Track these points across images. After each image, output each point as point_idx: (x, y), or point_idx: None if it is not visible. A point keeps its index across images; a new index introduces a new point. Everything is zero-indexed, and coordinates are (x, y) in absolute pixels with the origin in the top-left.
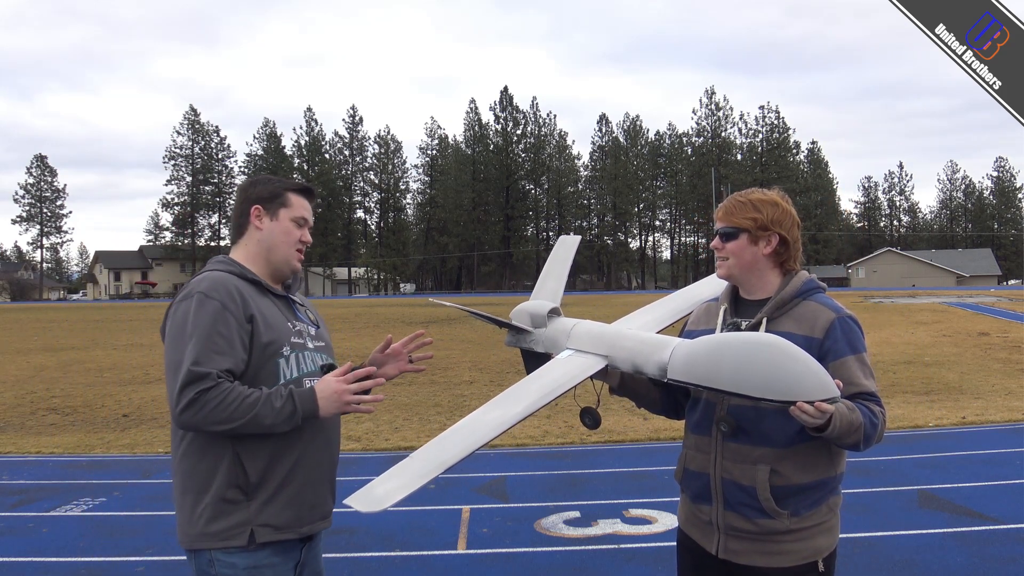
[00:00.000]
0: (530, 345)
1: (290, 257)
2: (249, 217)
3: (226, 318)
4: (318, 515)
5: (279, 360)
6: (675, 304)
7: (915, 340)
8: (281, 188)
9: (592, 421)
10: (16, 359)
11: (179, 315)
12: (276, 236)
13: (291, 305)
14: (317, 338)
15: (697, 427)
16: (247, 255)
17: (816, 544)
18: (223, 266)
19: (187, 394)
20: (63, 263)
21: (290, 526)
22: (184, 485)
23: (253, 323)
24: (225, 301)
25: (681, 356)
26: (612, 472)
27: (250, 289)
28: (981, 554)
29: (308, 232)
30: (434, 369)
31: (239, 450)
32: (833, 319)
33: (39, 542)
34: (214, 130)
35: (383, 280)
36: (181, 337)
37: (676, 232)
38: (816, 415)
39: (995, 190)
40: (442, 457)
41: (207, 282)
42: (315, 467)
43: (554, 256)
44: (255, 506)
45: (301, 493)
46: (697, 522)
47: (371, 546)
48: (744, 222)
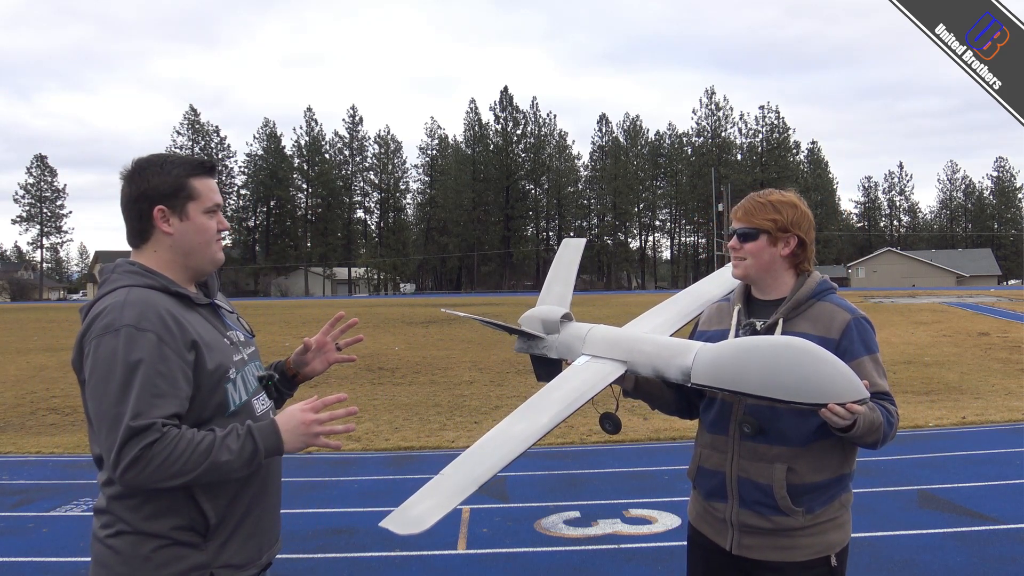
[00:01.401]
0: (543, 351)
1: (213, 255)
2: (153, 220)
3: (164, 353)
4: (273, 539)
5: (227, 385)
6: (684, 305)
7: (915, 340)
8: (182, 176)
9: (613, 426)
10: (16, 359)
11: (103, 354)
12: (191, 238)
13: (218, 312)
14: (248, 344)
15: (713, 426)
16: (158, 261)
17: (828, 539)
18: (139, 279)
19: (129, 452)
20: (63, 263)
21: (252, 561)
22: (122, 526)
23: (197, 350)
24: (161, 333)
25: (705, 360)
26: (612, 472)
27: (178, 306)
28: (981, 554)
29: (222, 216)
30: (434, 369)
31: (194, 490)
32: (849, 320)
33: (39, 542)
34: (214, 130)
35: (383, 280)
36: (108, 382)
37: (676, 232)
38: (847, 416)
39: (995, 190)
40: (475, 473)
41: (131, 309)
42: (272, 493)
43: (559, 259)
44: (213, 547)
45: (260, 523)
46: (710, 519)
47: (371, 546)
48: (764, 223)
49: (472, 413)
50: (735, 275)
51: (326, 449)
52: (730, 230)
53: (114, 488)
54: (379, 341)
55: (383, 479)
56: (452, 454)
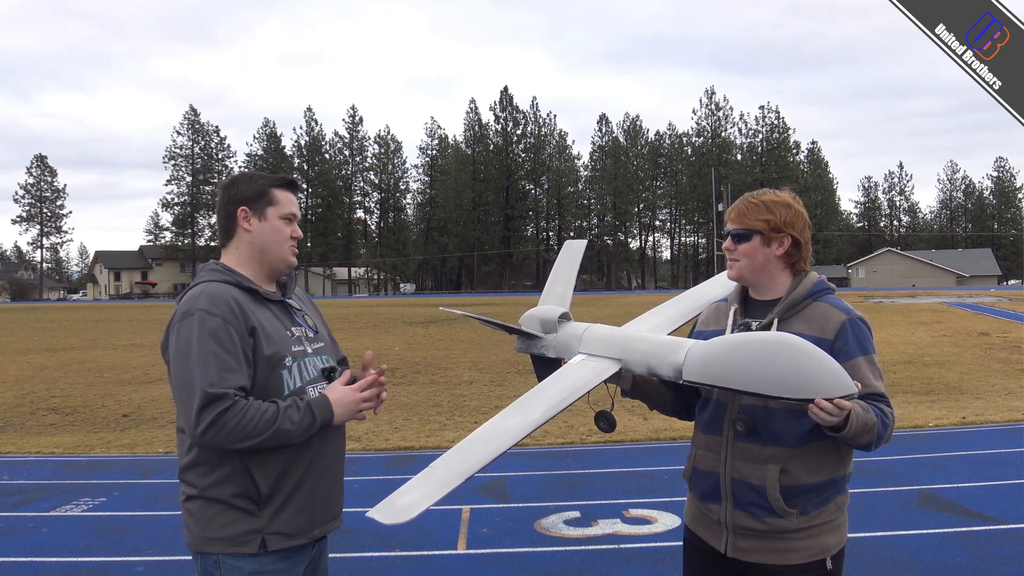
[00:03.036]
0: (541, 351)
1: (285, 255)
2: (236, 220)
3: (231, 334)
4: (330, 516)
5: (282, 371)
6: (684, 305)
7: (915, 340)
8: (265, 185)
9: (608, 424)
10: (16, 359)
11: (183, 335)
12: (267, 237)
13: (288, 310)
14: (316, 340)
15: (708, 426)
16: (239, 259)
17: (824, 542)
18: (218, 275)
19: (206, 416)
20: (63, 263)
21: (302, 532)
22: (192, 491)
23: (255, 336)
24: (227, 316)
25: (696, 357)
26: (612, 472)
27: (247, 299)
28: (981, 554)
29: (297, 226)
30: (434, 369)
31: (248, 463)
32: (844, 320)
33: (39, 542)
34: (214, 130)
35: (383, 280)
36: (188, 357)
37: (676, 232)
38: (835, 412)
39: (995, 190)
40: (464, 465)
41: (205, 298)
42: (326, 470)
43: (561, 261)
44: (267, 515)
45: (313, 497)
46: (705, 521)
47: (371, 546)
48: (757, 224)
49: (472, 413)
50: (730, 276)
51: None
52: (724, 231)
53: (189, 456)
54: (379, 341)
55: (383, 479)
56: None
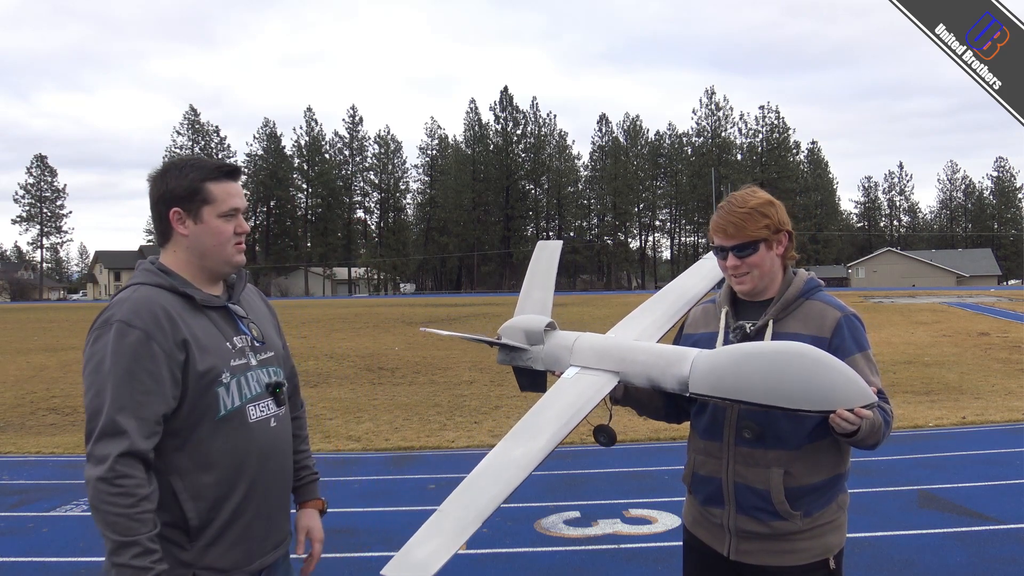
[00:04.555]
0: (527, 363)
1: (228, 257)
2: (169, 222)
3: (151, 350)
4: (270, 545)
5: (218, 389)
6: (670, 304)
7: (915, 340)
8: (197, 180)
9: (607, 439)
10: (16, 359)
11: (98, 347)
12: (204, 240)
13: (231, 316)
14: (263, 350)
15: (707, 432)
16: (177, 262)
17: (827, 542)
18: (150, 277)
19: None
20: (63, 263)
21: (238, 566)
22: None
23: (187, 349)
24: (150, 330)
25: (703, 369)
26: (612, 472)
27: (181, 306)
28: (981, 554)
29: (242, 220)
30: (434, 369)
31: (176, 489)
32: (839, 318)
33: (39, 542)
34: (214, 130)
35: (383, 280)
36: (98, 374)
37: (676, 232)
38: (856, 422)
39: (995, 190)
40: (477, 507)
41: (129, 306)
42: (266, 497)
43: (536, 264)
44: (197, 548)
45: (250, 529)
46: (707, 524)
47: (371, 546)
48: (760, 232)
49: (472, 413)
50: (742, 292)
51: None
52: (718, 248)
53: None
54: (379, 341)
55: (383, 479)
56: (452, 454)
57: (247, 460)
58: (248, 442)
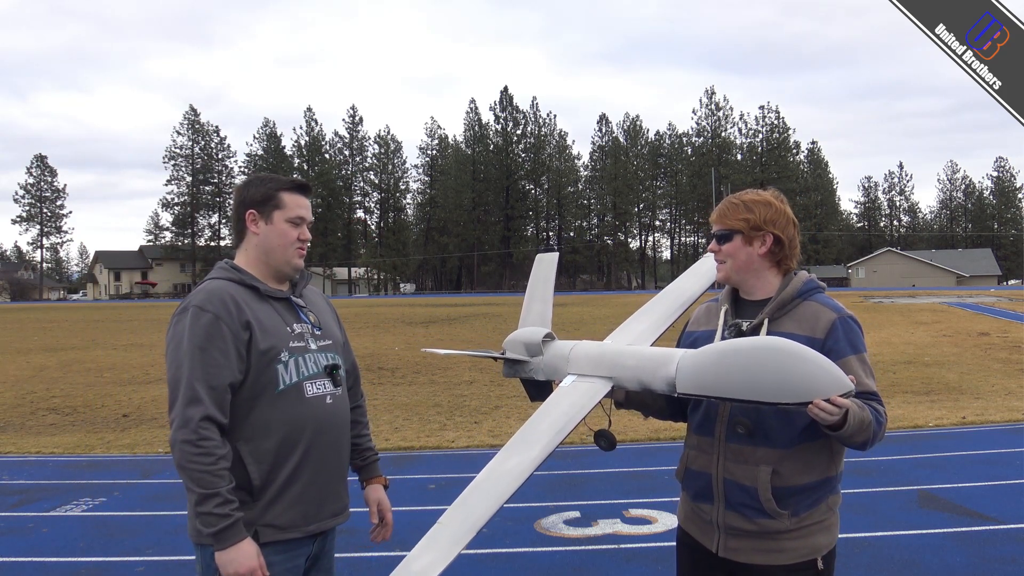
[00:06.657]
0: (530, 375)
1: (289, 258)
2: (245, 222)
3: (220, 330)
4: (328, 512)
5: (277, 366)
6: (666, 307)
7: (915, 340)
8: (273, 189)
9: (607, 443)
10: (16, 359)
11: (177, 329)
12: (272, 239)
13: (292, 307)
14: (322, 337)
15: (699, 428)
16: (247, 260)
17: (815, 542)
18: (222, 273)
19: (179, 413)
20: (63, 263)
21: (295, 525)
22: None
23: (250, 329)
24: (220, 312)
25: (688, 369)
26: (612, 472)
27: (247, 295)
28: (981, 554)
29: (307, 229)
30: (434, 369)
31: (242, 453)
32: (834, 319)
33: (39, 542)
34: (214, 130)
35: (383, 280)
36: (179, 351)
37: (676, 232)
38: (834, 412)
39: (995, 190)
40: (472, 518)
41: (202, 294)
42: (321, 465)
43: (535, 277)
44: (259, 507)
45: (307, 493)
46: (697, 520)
47: (371, 546)
48: (737, 223)
49: (472, 413)
50: (718, 279)
51: None
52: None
53: None
54: (379, 341)
55: None
56: (452, 454)
57: (303, 430)
58: (304, 414)
